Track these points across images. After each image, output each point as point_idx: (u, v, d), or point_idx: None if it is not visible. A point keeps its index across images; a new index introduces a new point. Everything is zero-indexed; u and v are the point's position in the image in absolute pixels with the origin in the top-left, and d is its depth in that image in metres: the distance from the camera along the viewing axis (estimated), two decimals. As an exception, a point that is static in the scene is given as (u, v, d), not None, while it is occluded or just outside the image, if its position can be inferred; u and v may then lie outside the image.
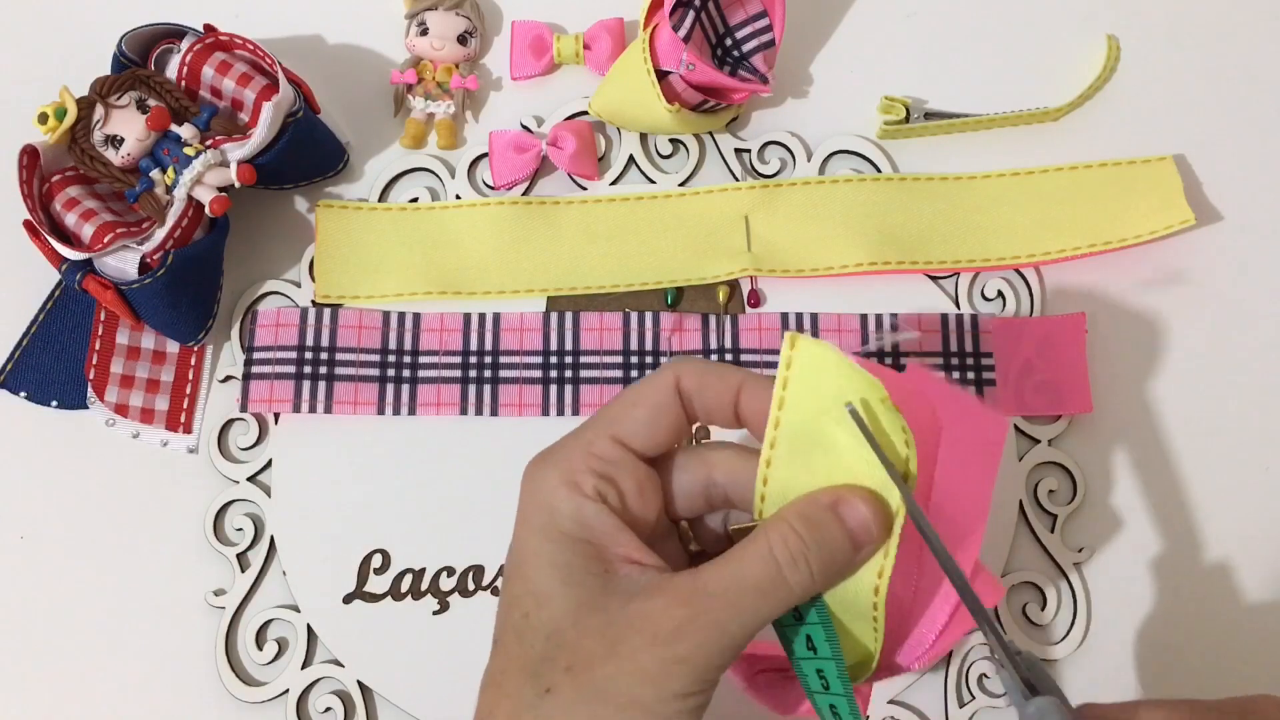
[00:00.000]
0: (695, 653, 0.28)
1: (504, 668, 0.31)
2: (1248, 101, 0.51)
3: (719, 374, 0.31)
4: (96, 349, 0.46)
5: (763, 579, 0.29)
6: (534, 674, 0.30)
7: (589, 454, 0.31)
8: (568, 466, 0.31)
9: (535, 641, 0.30)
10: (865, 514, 0.29)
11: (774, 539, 0.29)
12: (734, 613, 0.29)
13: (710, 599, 0.29)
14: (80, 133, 0.44)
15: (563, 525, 0.30)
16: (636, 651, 0.29)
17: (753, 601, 0.29)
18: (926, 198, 0.48)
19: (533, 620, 0.30)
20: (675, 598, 0.29)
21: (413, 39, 0.50)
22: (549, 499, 0.31)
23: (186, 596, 0.45)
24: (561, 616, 0.30)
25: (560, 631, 0.29)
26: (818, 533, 0.29)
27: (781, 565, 0.29)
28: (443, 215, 0.48)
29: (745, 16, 0.48)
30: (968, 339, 0.47)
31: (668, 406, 0.31)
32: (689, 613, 0.29)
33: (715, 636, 0.29)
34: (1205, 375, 0.47)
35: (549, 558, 0.30)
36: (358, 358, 0.46)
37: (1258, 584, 0.45)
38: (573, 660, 0.29)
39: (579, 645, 0.29)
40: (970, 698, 0.44)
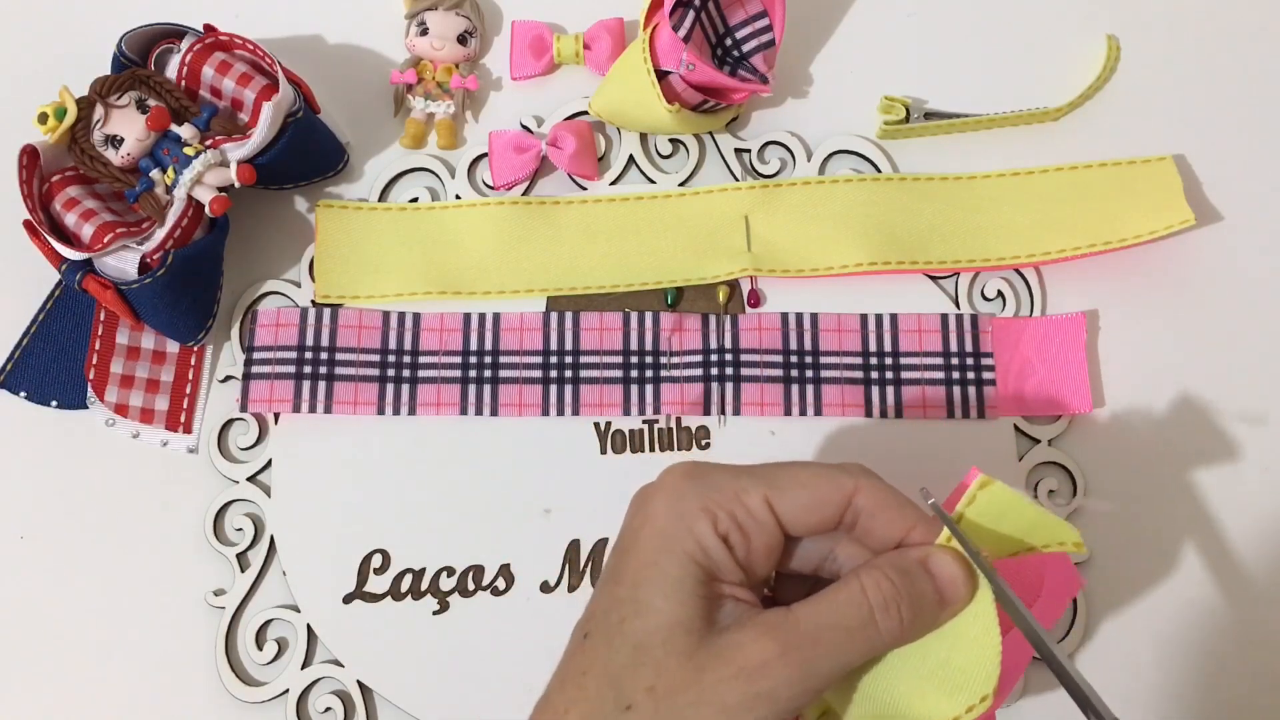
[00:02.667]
0: (779, 689, 0.29)
1: (588, 668, 0.31)
2: (1248, 101, 0.51)
3: (901, 508, 0.32)
4: (96, 349, 0.46)
5: (854, 621, 0.30)
6: (616, 684, 0.30)
7: (739, 500, 0.31)
8: (715, 500, 0.31)
9: (624, 649, 0.30)
10: (955, 572, 0.30)
11: (867, 583, 0.30)
12: (822, 651, 0.29)
13: (800, 636, 0.29)
14: (80, 133, 0.44)
15: (686, 545, 0.31)
16: (720, 683, 0.29)
17: (843, 642, 0.29)
18: (926, 198, 0.48)
19: (626, 627, 0.30)
20: (765, 631, 0.29)
21: (413, 39, 0.50)
22: (684, 519, 0.31)
23: (186, 596, 0.45)
24: (655, 630, 0.30)
25: (650, 646, 0.30)
26: (909, 583, 0.30)
27: (874, 608, 0.30)
28: (443, 215, 0.48)
29: (745, 16, 0.48)
30: (968, 339, 0.47)
31: (833, 506, 0.32)
32: (777, 648, 0.29)
33: (801, 675, 0.29)
34: (1205, 375, 0.47)
35: (662, 570, 0.30)
36: (358, 358, 0.46)
37: (1257, 584, 0.45)
38: (656, 681, 0.29)
39: (665, 666, 0.29)
40: (970, 698, 0.44)
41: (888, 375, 0.46)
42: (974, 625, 0.30)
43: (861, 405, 0.46)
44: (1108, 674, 0.44)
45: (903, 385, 0.46)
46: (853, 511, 0.32)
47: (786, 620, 0.30)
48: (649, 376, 0.46)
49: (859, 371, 0.46)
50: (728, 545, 0.31)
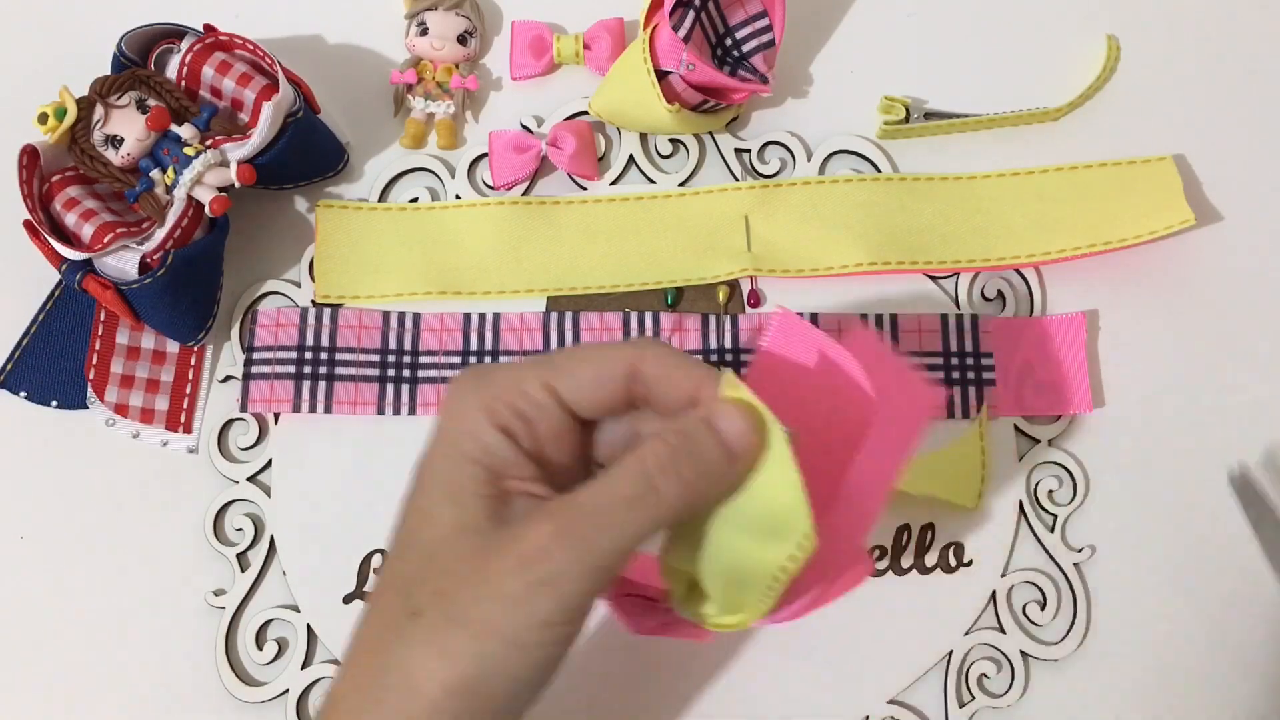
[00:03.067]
0: (561, 574, 0.28)
1: (384, 584, 0.31)
2: (1248, 101, 0.51)
3: (687, 368, 0.31)
4: (96, 349, 0.46)
5: (632, 490, 0.29)
6: (406, 593, 0.29)
7: (517, 389, 0.31)
8: (491, 395, 0.30)
9: (413, 559, 0.30)
10: (740, 424, 0.29)
11: (646, 451, 0.29)
12: (602, 527, 0.28)
13: (579, 514, 0.28)
14: (80, 133, 0.44)
15: (464, 446, 0.30)
16: (503, 575, 0.28)
17: (622, 514, 0.28)
18: (926, 198, 0.48)
19: (415, 537, 0.30)
20: (543, 518, 0.29)
21: (413, 39, 0.50)
22: (461, 419, 0.30)
23: (186, 596, 0.45)
24: (441, 536, 0.29)
25: (437, 552, 0.29)
26: (690, 441, 0.29)
27: (653, 474, 0.29)
28: (443, 215, 0.48)
29: (745, 16, 0.48)
30: (968, 339, 0.47)
31: (617, 379, 0.31)
32: (554, 531, 0.28)
33: (580, 555, 0.28)
34: (1205, 375, 0.47)
35: (444, 476, 0.30)
36: (358, 358, 0.46)
37: (1257, 584, 0.45)
38: (442, 583, 0.29)
39: (450, 568, 0.29)
40: (970, 698, 0.44)
41: (888, 375, 0.46)
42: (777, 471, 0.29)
43: (861, 405, 0.46)
44: (1108, 674, 0.44)
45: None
46: (642, 384, 0.31)
47: (566, 503, 0.29)
48: None
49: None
50: (510, 437, 0.30)
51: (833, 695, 0.44)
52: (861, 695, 0.44)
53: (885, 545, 0.45)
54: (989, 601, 0.45)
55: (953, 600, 0.45)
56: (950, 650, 0.44)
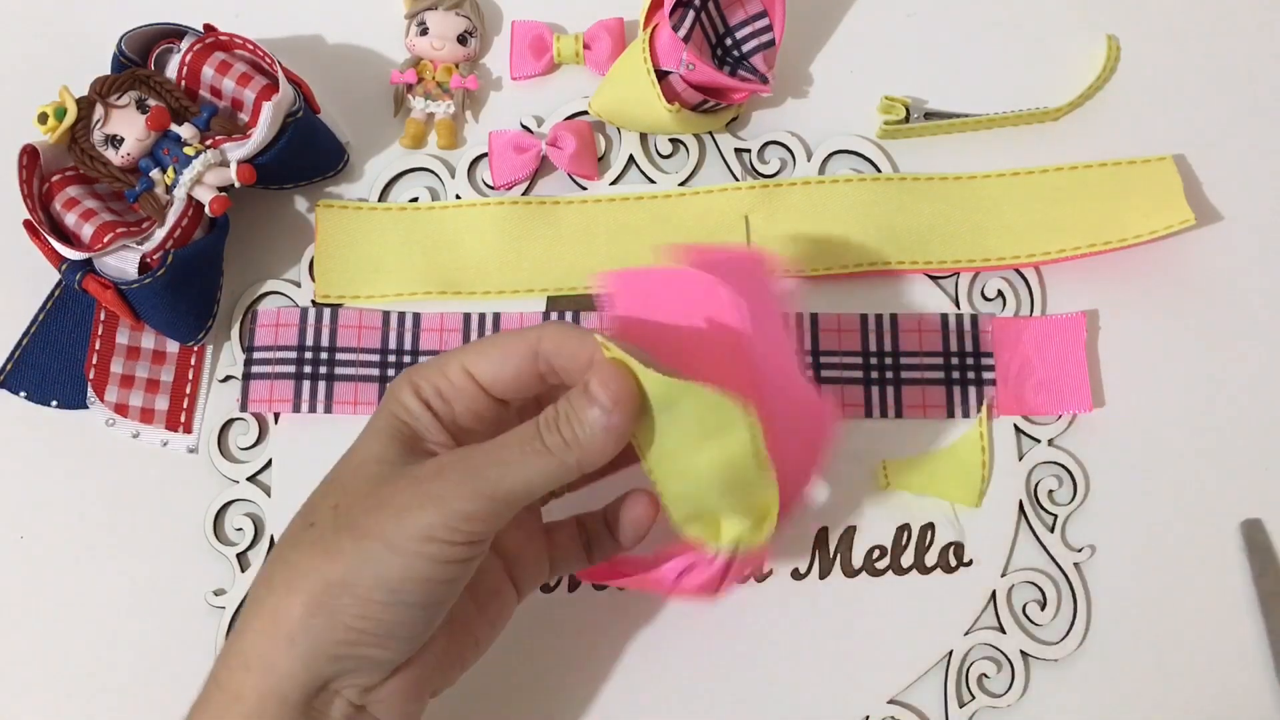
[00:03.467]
0: (446, 490, 0.31)
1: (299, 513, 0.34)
2: (1248, 101, 0.51)
3: (576, 338, 0.33)
4: (96, 349, 0.46)
5: (521, 437, 0.32)
6: (308, 512, 0.33)
7: (439, 372, 0.34)
8: (420, 375, 0.34)
9: (322, 488, 0.34)
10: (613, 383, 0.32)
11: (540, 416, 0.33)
12: (491, 462, 0.32)
13: (472, 450, 0.32)
14: (80, 133, 0.44)
15: (391, 406, 0.34)
16: (395, 492, 0.32)
17: (510, 454, 0.32)
18: (926, 198, 0.48)
19: (332, 473, 0.34)
20: (444, 454, 0.33)
21: (413, 39, 0.50)
22: (393, 392, 0.34)
23: (186, 596, 0.45)
24: (351, 465, 0.34)
25: (342, 477, 0.33)
26: (570, 404, 0.32)
27: (540, 429, 0.32)
28: (443, 215, 0.48)
29: (745, 16, 0.48)
30: (968, 339, 0.47)
31: (520, 357, 0.34)
32: (452, 458, 0.32)
33: (469, 476, 0.31)
34: (1205, 375, 0.47)
35: (370, 426, 0.34)
36: (358, 358, 0.46)
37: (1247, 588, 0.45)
38: (339, 499, 0.33)
39: (351, 487, 0.33)
40: (970, 698, 0.44)
41: (887, 375, 0.46)
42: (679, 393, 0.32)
43: (861, 405, 0.46)
44: (1108, 674, 0.44)
45: (903, 385, 0.46)
46: (545, 360, 0.34)
47: (466, 446, 0.33)
48: None
49: (859, 371, 0.46)
50: (431, 410, 0.34)
51: (833, 695, 0.44)
52: (861, 695, 0.44)
53: (885, 545, 0.45)
54: (989, 601, 0.45)
55: (953, 600, 0.45)
56: (950, 650, 0.44)
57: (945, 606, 0.45)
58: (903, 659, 0.44)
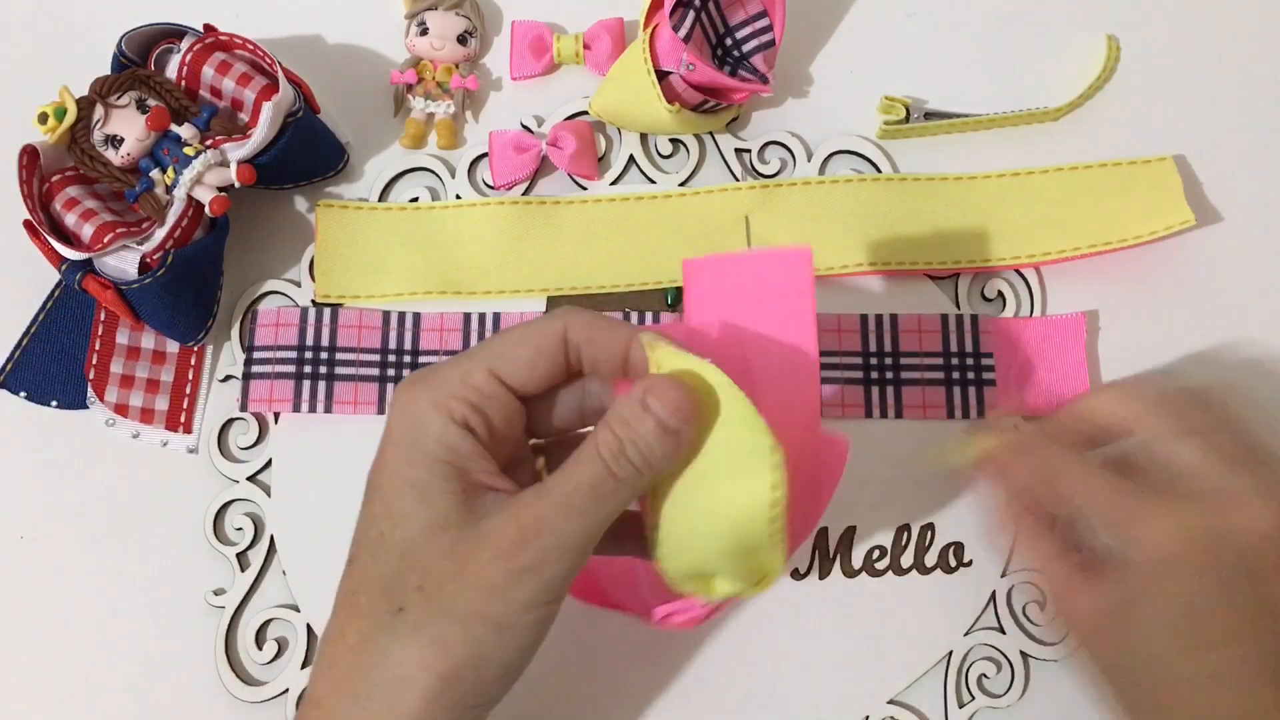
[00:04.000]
0: (538, 560, 0.30)
1: (358, 586, 0.32)
2: (1248, 101, 0.51)
3: (609, 329, 0.32)
4: (96, 349, 0.46)
5: (594, 478, 0.30)
6: (387, 592, 0.31)
7: (465, 383, 0.32)
8: (443, 393, 0.32)
9: (390, 560, 0.31)
10: (669, 399, 0.30)
11: (599, 440, 0.31)
12: (573, 515, 0.30)
13: (549, 506, 0.30)
14: (80, 133, 0.44)
15: (427, 446, 0.31)
16: (483, 566, 0.30)
17: (588, 502, 0.30)
18: (926, 198, 0.48)
19: (388, 540, 0.31)
20: (518, 510, 0.30)
21: (413, 39, 0.50)
22: (418, 421, 0.31)
23: (186, 596, 0.45)
24: (415, 535, 0.31)
25: (414, 551, 0.31)
26: (631, 428, 0.30)
27: (607, 462, 0.30)
28: (443, 215, 0.48)
29: (745, 16, 0.48)
30: (968, 339, 0.47)
31: (550, 353, 0.32)
32: (531, 522, 0.30)
33: (556, 542, 0.30)
34: (1205, 375, 0.47)
35: (409, 478, 0.31)
36: (358, 357, 0.46)
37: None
38: (424, 579, 0.30)
39: (430, 564, 0.30)
40: (970, 698, 0.44)
41: (888, 375, 0.46)
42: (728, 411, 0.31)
43: (861, 405, 0.46)
44: (1108, 674, 0.44)
45: (903, 385, 0.46)
46: (573, 350, 0.32)
47: (537, 495, 0.31)
48: None
49: (859, 371, 0.46)
50: (470, 431, 0.31)
51: (833, 695, 0.44)
52: (861, 695, 0.44)
53: (885, 545, 0.45)
54: (989, 601, 0.45)
55: (953, 600, 0.45)
56: (950, 650, 0.44)
57: (945, 607, 0.45)
58: (903, 659, 0.44)
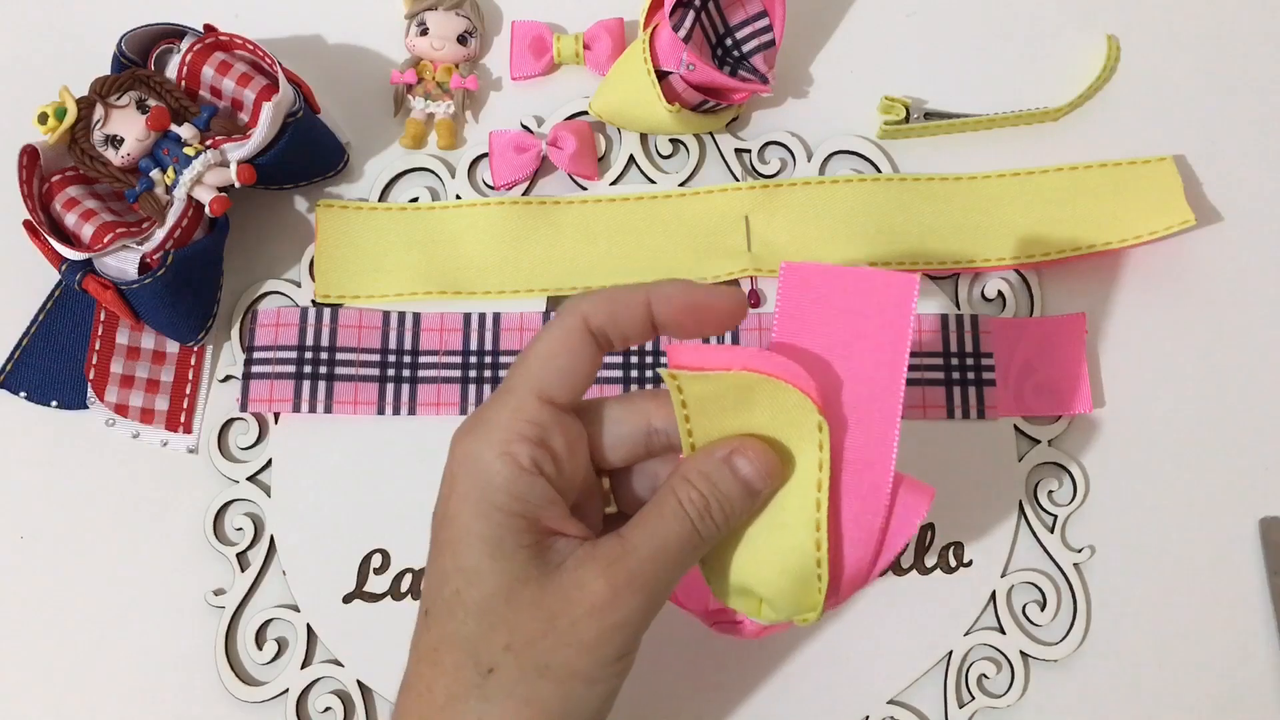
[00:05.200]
0: (630, 616, 0.30)
1: (438, 644, 0.31)
2: (1248, 101, 0.51)
3: (625, 299, 0.32)
4: (96, 349, 0.46)
5: (681, 536, 0.31)
6: (473, 653, 0.30)
7: (521, 420, 0.31)
8: (502, 436, 0.31)
9: (469, 619, 0.30)
10: (759, 463, 0.31)
11: (682, 497, 0.31)
12: (660, 571, 0.31)
13: (638, 563, 0.30)
14: (80, 133, 0.44)
15: (496, 500, 0.30)
16: (575, 624, 0.30)
17: (675, 557, 0.31)
18: (926, 198, 0.48)
19: (464, 597, 0.30)
20: (605, 566, 0.30)
21: (413, 39, 0.50)
22: (484, 472, 0.30)
23: (186, 596, 0.45)
24: (494, 594, 0.30)
25: (494, 610, 0.30)
26: (716, 486, 0.31)
27: (694, 521, 0.31)
28: (443, 215, 0.48)
29: (745, 16, 0.48)
30: (968, 339, 0.47)
31: (583, 349, 0.32)
32: (623, 580, 0.30)
33: (648, 598, 0.30)
34: (1205, 375, 0.47)
35: (480, 533, 0.30)
36: (358, 357, 0.46)
37: (1257, 584, 0.45)
38: (511, 639, 0.30)
39: (515, 623, 0.30)
40: (970, 698, 0.44)
41: (888, 375, 0.46)
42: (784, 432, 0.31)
43: (861, 405, 0.46)
44: (1108, 674, 0.44)
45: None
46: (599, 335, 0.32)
47: (622, 551, 0.30)
48: (649, 376, 0.46)
49: (859, 371, 0.46)
50: (538, 473, 0.30)
51: (833, 695, 0.44)
52: (861, 695, 0.44)
53: (885, 545, 0.45)
54: (989, 602, 0.45)
55: (953, 600, 0.45)
56: (950, 650, 0.44)
57: (945, 607, 0.45)
58: (903, 659, 0.44)
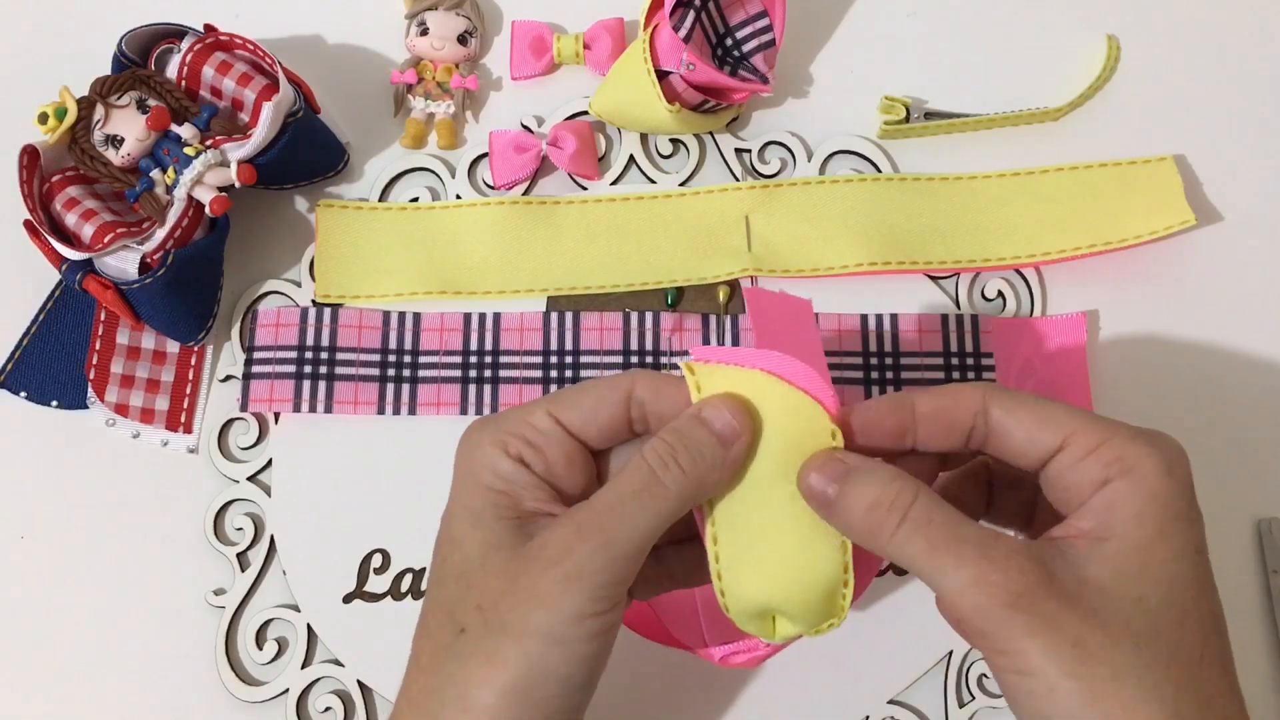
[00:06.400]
0: (585, 565, 0.30)
1: (427, 610, 0.33)
2: (1248, 101, 0.51)
3: (674, 385, 0.33)
4: (96, 349, 0.46)
5: (639, 484, 0.31)
6: (450, 615, 0.32)
7: (523, 422, 0.33)
8: (502, 432, 0.33)
9: (449, 583, 0.32)
10: (728, 415, 0.31)
11: (646, 450, 0.31)
12: (617, 520, 0.31)
13: (592, 513, 0.31)
14: (80, 133, 0.44)
15: (482, 477, 0.32)
16: (534, 580, 0.30)
17: (633, 507, 0.31)
18: (926, 198, 0.48)
19: (448, 564, 0.32)
20: (563, 521, 0.31)
21: (413, 39, 0.50)
22: (477, 455, 0.33)
23: (186, 596, 0.45)
24: (471, 558, 0.32)
25: (469, 572, 0.32)
26: (682, 436, 0.31)
27: (654, 467, 0.31)
28: (443, 215, 0.48)
29: (745, 16, 0.48)
30: (968, 339, 0.47)
31: (612, 404, 0.33)
32: (575, 529, 0.31)
33: (603, 546, 0.30)
34: (1205, 375, 0.47)
35: (465, 505, 0.32)
36: (358, 357, 0.46)
37: (1256, 585, 0.45)
38: (481, 599, 0.31)
39: (485, 583, 0.31)
40: (970, 698, 0.44)
41: (888, 375, 0.46)
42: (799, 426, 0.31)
43: (862, 405, 0.46)
44: (1108, 674, 0.44)
45: (903, 385, 0.46)
46: (636, 406, 0.33)
47: (581, 506, 0.31)
48: None
49: (859, 372, 0.46)
50: (524, 465, 0.32)
51: (833, 695, 0.44)
52: (861, 695, 0.44)
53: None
54: (989, 601, 0.45)
55: (953, 600, 0.45)
56: (950, 650, 0.44)
57: (945, 606, 0.45)
58: (903, 659, 0.44)
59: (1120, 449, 0.30)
